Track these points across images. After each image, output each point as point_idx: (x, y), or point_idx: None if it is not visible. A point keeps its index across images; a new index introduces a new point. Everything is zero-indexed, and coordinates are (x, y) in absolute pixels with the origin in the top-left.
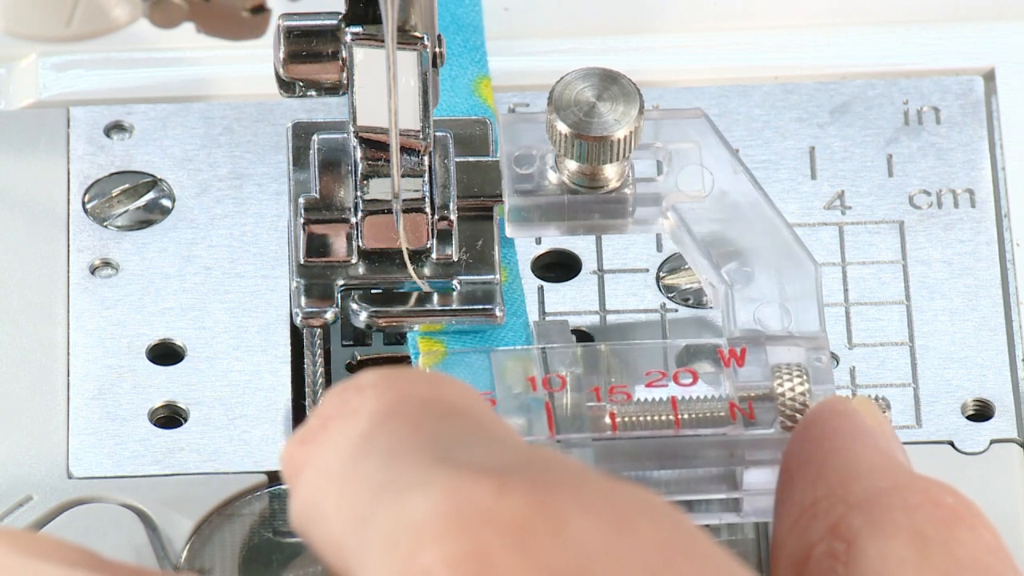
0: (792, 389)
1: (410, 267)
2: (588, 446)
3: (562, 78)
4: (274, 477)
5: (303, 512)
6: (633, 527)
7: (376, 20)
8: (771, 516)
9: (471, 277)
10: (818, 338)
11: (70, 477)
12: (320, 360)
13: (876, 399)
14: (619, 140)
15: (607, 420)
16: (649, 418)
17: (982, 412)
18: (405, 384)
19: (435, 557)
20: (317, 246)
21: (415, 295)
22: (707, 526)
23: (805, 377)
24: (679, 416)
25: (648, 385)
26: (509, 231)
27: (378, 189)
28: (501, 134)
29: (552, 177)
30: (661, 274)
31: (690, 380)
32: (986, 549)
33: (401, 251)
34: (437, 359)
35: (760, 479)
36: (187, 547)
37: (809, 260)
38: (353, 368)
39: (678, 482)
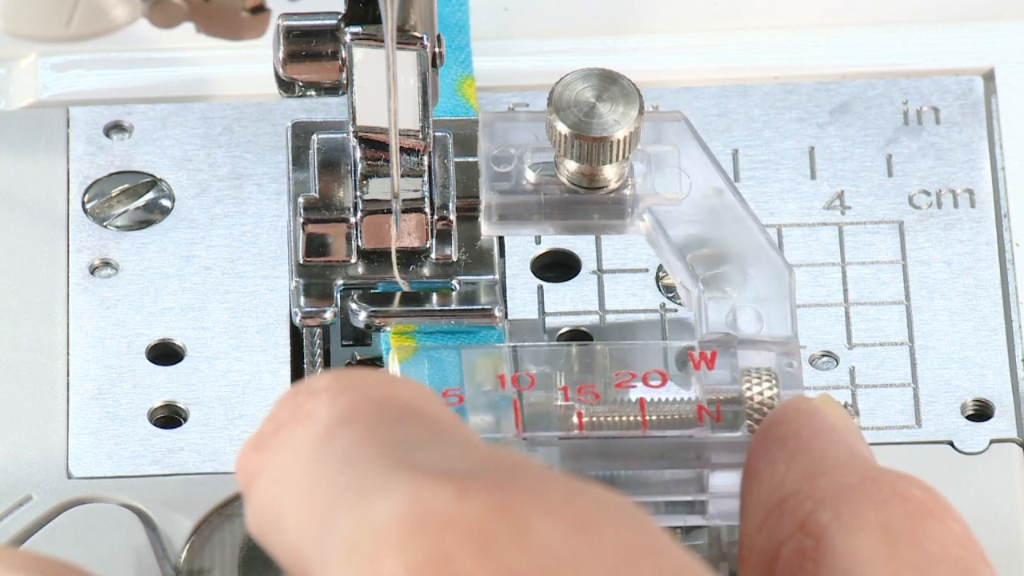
0: (761, 393)
1: (395, 266)
2: (554, 445)
3: (562, 78)
4: None
5: (261, 519)
6: (596, 528)
7: (376, 20)
8: (737, 519)
9: (470, 277)
10: (789, 343)
11: (70, 477)
12: (320, 360)
13: (845, 406)
14: (619, 141)
15: (574, 419)
16: (616, 418)
17: (982, 412)
18: (359, 386)
19: (397, 563)
20: (316, 246)
21: (416, 295)
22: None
23: (774, 381)
24: (646, 417)
25: (617, 386)
26: (485, 229)
27: (377, 189)
28: (480, 133)
29: (530, 176)
30: (661, 274)
31: (659, 382)
32: (955, 541)
33: (402, 250)
34: (408, 354)
35: (726, 482)
36: (187, 547)
37: (783, 265)
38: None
39: (644, 484)
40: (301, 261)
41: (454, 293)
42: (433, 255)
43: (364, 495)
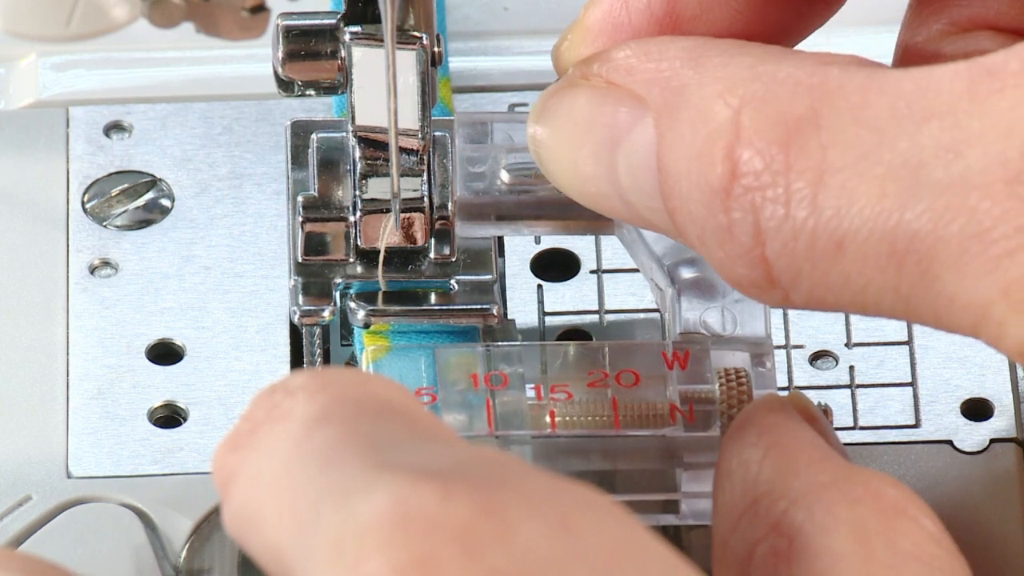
0: (734, 393)
1: (381, 264)
2: (527, 443)
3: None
4: None
5: (239, 519)
6: (580, 529)
7: (375, 19)
8: (710, 519)
9: (468, 277)
10: (763, 343)
11: (69, 477)
12: (320, 360)
13: (819, 405)
14: None
15: (547, 419)
16: (589, 418)
17: (981, 411)
18: (336, 384)
19: (382, 564)
20: (315, 245)
21: (415, 294)
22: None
23: (747, 381)
24: (619, 417)
25: (590, 385)
26: (459, 229)
27: (376, 188)
28: (455, 133)
29: (504, 176)
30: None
31: (632, 381)
32: (929, 539)
33: (400, 250)
34: (382, 354)
35: (699, 481)
36: (187, 547)
37: None
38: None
39: (616, 483)
40: (300, 260)
41: (450, 292)
42: (432, 255)
43: (347, 495)
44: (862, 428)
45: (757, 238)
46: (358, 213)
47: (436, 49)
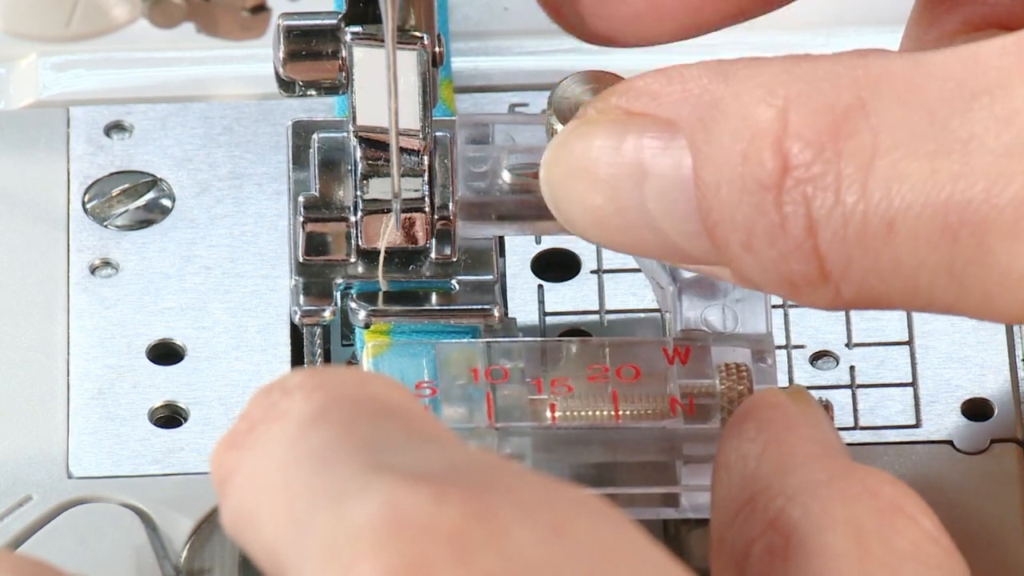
0: (734, 387)
1: (381, 264)
2: (527, 435)
3: (561, 81)
4: None
5: (236, 518)
6: (573, 532)
7: (376, 20)
8: (710, 513)
9: (469, 277)
10: (764, 340)
11: (70, 477)
12: (320, 360)
13: (821, 401)
14: None
15: (547, 412)
16: (589, 412)
17: (982, 411)
18: (333, 384)
19: (373, 567)
20: (316, 245)
21: (415, 294)
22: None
23: (748, 376)
24: (619, 411)
25: (590, 380)
26: (460, 229)
27: (377, 188)
28: (456, 135)
29: (505, 176)
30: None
31: (633, 376)
32: (926, 537)
33: (401, 250)
34: (382, 349)
35: (699, 475)
36: (187, 547)
37: None
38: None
39: (616, 476)
40: (301, 260)
41: (451, 292)
42: (433, 255)
43: (340, 497)
44: (862, 428)
45: (810, 230)
46: (359, 213)
47: (437, 49)
